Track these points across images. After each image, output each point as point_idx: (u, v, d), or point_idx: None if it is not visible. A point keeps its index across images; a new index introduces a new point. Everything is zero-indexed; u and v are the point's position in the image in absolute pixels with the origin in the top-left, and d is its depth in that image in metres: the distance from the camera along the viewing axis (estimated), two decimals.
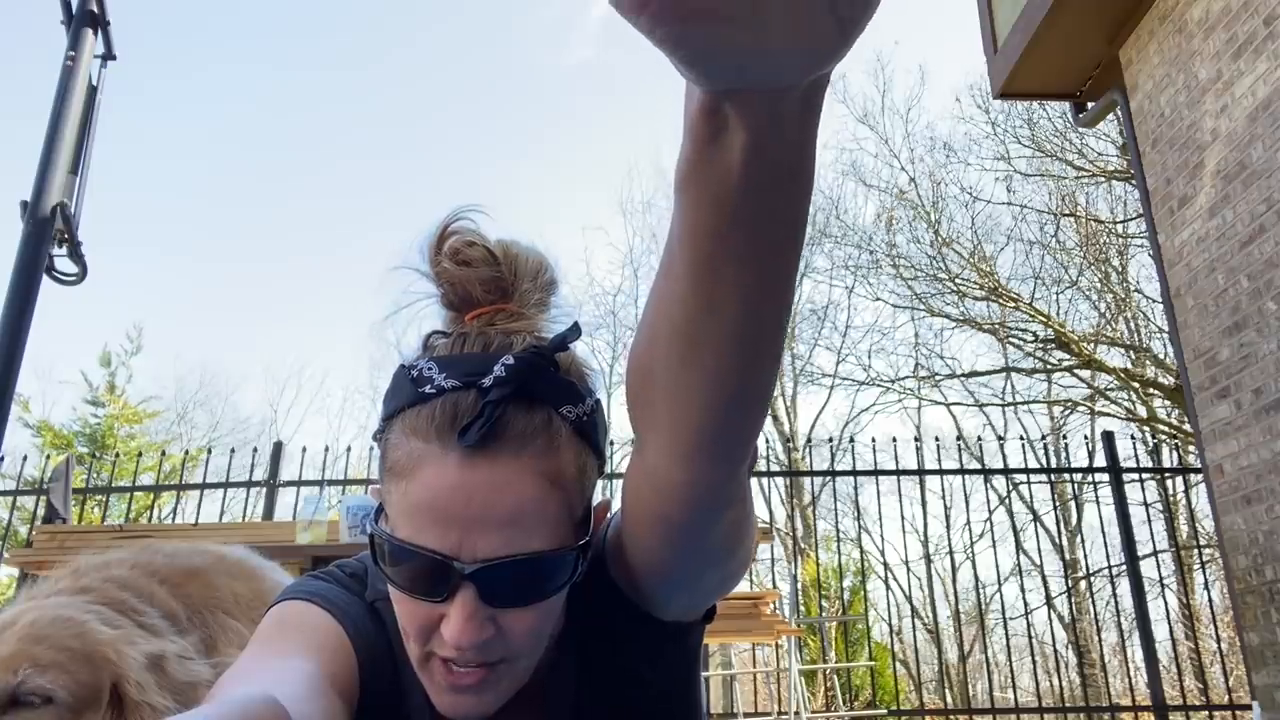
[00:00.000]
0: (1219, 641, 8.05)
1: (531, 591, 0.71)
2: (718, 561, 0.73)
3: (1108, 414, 12.99)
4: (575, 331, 0.76)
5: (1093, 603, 12.54)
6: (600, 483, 0.81)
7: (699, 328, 0.53)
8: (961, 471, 6.43)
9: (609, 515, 0.82)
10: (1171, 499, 9.73)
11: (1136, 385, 12.06)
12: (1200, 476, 4.69)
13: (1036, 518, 13.40)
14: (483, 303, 0.80)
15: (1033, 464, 6.93)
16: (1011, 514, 12.50)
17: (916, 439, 6.31)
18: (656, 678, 0.86)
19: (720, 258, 0.50)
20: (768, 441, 8.50)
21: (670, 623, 0.82)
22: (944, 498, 6.56)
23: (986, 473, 7.26)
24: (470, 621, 0.68)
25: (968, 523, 11.11)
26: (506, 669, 0.74)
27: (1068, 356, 12.38)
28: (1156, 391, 11.83)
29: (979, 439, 11.00)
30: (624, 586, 0.80)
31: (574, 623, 0.82)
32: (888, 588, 13.70)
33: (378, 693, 0.79)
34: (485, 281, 0.80)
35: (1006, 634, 6.80)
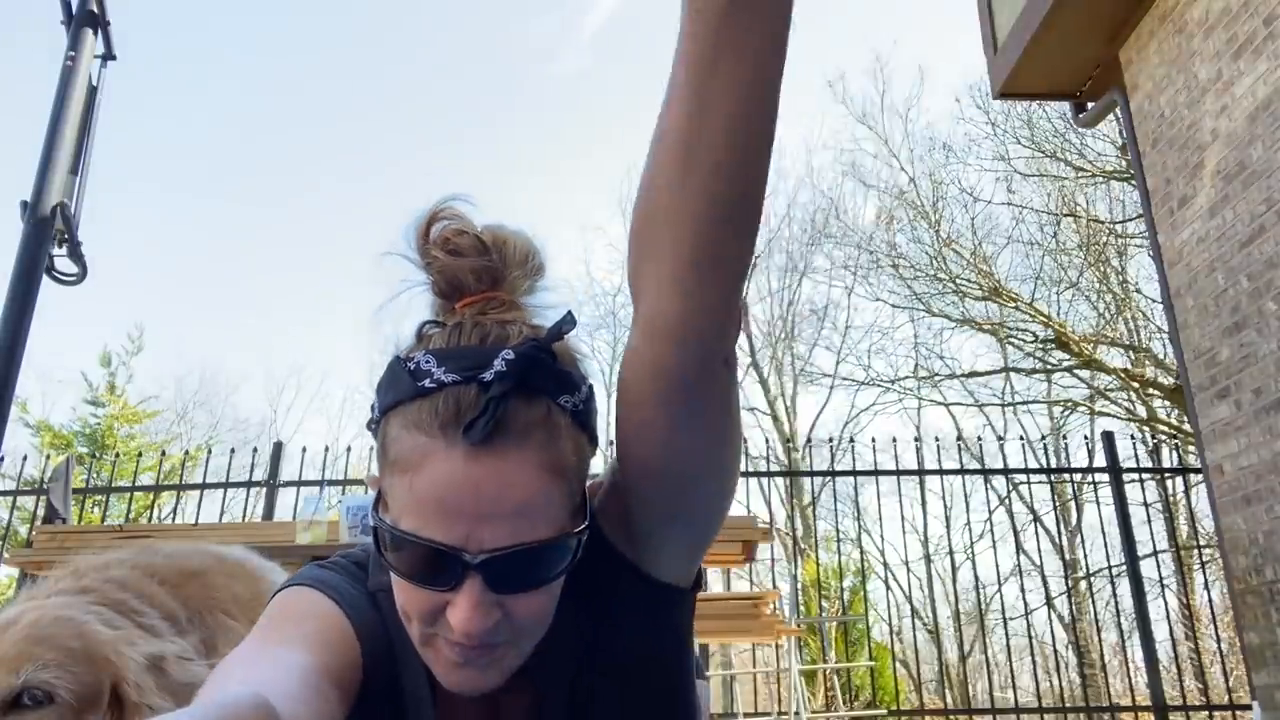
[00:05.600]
0: (1219, 641, 8.03)
1: (536, 576, 0.72)
2: (710, 444, 0.76)
3: (1108, 414, 12.99)
4: (570, 321, 0.76)
5: (1093, 603, 12.54)
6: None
7: (696, 125, 0.62)
8: (961, 471, 6.42)
9: (600, 491, 0.84)
10: (1171, 499, 9.70)
11: (1136, 385, 12.05)
12: (1200, 476, 4.69)
13: (1036, 518, 13.40)
14: (474, 291, 0.81)
15: (1033, 464, 6.90)
16: (1011, 514, 12.48)
17: (916, 439, 6.31)
18: (650, 650, 0.86)
19: (715, 53, 0.60)
20: (768, 442, 8.50)
21: (662, 586, 0.83)
22: (944, 498, 6.55)
23: (986, 473, 7.27)
24: (477, 609, 0.70)
25: (968, 523, 11.12)
26: (510, 648, 0.75)
27: (1068, 356, 12.36)
28: (1156, 391, 11.81)
29: (979, 439, 10.98)
30: (618, 541, 0.81)
31: (569, 599, 0.82)
32: (888, 588, 13.70)
33: (377, 687, 0.79)
34: (476, 270, 0.80)
35: (1006, 634, 6.79)
